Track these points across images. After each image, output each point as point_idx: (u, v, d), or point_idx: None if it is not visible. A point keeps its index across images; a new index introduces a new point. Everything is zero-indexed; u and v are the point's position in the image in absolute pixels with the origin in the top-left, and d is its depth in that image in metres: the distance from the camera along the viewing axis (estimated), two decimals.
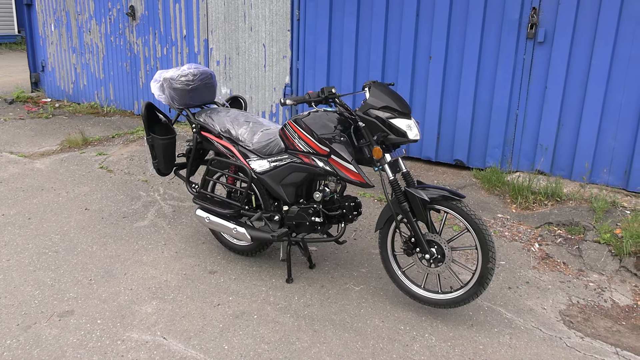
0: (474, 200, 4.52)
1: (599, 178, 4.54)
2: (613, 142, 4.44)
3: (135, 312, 3.02)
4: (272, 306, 3.12)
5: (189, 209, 4.51)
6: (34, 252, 3.69)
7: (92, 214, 4.35)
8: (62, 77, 8.63)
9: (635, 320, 3.07)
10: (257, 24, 6.08)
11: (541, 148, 4.75)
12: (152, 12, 7.01)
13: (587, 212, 4.12)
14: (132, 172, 5.36)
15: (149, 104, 3.65)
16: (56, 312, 3.00)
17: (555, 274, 3.54)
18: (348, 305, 3.15)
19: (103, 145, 6.26)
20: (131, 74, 7.53)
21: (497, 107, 4.87)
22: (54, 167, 5.46)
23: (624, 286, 3.39)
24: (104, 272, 3.45)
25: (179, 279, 3.39)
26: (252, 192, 3.50)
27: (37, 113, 7.84)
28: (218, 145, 3.48)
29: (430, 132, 5.25)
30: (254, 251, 3.63)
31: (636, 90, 4.27)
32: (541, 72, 4.64)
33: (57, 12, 8.32)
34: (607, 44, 4.30)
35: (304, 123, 3.07)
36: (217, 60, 6.54)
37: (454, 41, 4.96)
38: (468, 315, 3.07)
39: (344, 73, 5.59)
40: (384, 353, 2.72)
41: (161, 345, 2.74)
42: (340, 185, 3.20)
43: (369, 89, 2.96)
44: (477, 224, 2.76)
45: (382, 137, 2.86)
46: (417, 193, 2.84)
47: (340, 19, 5.48)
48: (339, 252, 3.80)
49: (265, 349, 2.74)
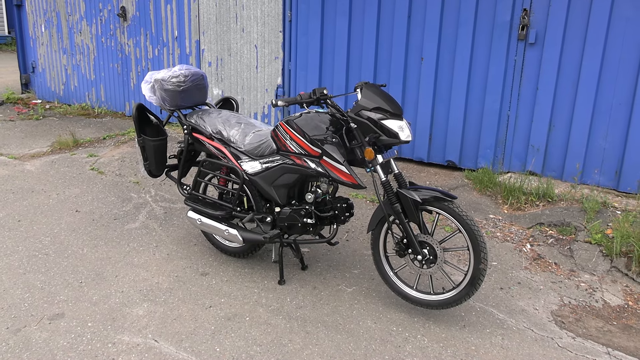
0: (466, 201, 4.53)
1: (590, 179, 4.57)
2: (604, 143, 4.46)
3: (126, 315, 3.00)
4: (264, 308, 3.11)
5: (180, 210, 4.48)
6: (23, 255, 3.65)
7: (82, 216, 4.32)
8: (53, 78, 8.58)
9: (627, 320, 3.08)
10: (249, 25, 6.07)
11: (533, 149, 4.77)
12: (144, 13, 6.98)
13: (579, 212, 4.14)
14: (124, 173, 5.33)
15: (140, 105, 3.63)
16: (46, 315, 2.98)
17: (547, 274, 3.55)
18: (340, 306, 3.14)
19: (94, 147, 6.22)
20: (122, 75, 7.49)
21: (489, 108, 4.88)
22: (44, 169, 5.42)
23: (615, 286, 3.41)
24: (94, 275, 3.43)
25: (170, 281, 3.37)
26: (243, 194, 3.49)
27: (27, 114, 7.78)
28: (209, 146, 3.47)
29: (422, 133, 5.26)
30: (246, 253, 3.62)
31: (626, 91, 4.30)
32: (532, 73, 4.66)
33: (47, 12, 8.27)
34: (598, 45, 4.33)
35: (295, 124, 3.06)
36: (208, 62, 6.52)
37: (446, 42, 4.97)
38: (460, 316, 3.07)
39: (336, 74, 5.59)
40: (377, 354, 2.72)
41: (152, 348, 2.73)
42: (332, 186, 3.19)
43: (360, 90, 2.96)
44: (469, 224, 2.77)
45: (374, 138, 2.86)
46: (409, 194, 2.84)
47: (332, 20, 5.49)
48: (331, 253, 3.79)
49: (257, 351, 2.73)
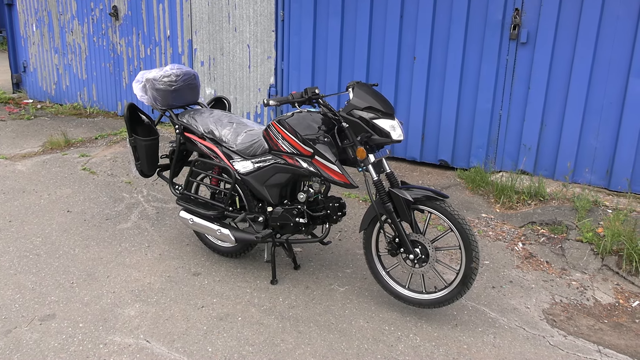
0: (458, 200, 4.54)
1: (582, 177, 4.59)
2: (595, 142, 4.48)
3: (118, 315, 2.99)
4: (257, 308, 3.10)
5: (172, 210, 4.47)
6: (14, 255, 3.63)
7: (74, 216, 4.30)
8: (44, 77, 8.53)
9: (617, 318, 3.10)
10: (242, 24, 6.06)
11: (524, 148, 4.79)
12: (135, 12, 6.95)
13: (570, 211, 4.16)
14: (115, 173, 5.31)
15: (131, 105, 3.61)
16: (37, 316, 2.96)
17: (539, 273, 3.57)
18: (333, 306, 3.14)
19: (86, 147, 6.19)
20: (114, 74, 7.46)
21: (481, 108, 4.90)
22: (35, 169, 5.39)
23: (606, 284, 3.43)
24: (86, 275, 3.41)
25: (162, 281, 3.36)
26: (236, 194, 3.48)
27: (18, 114, 7.73)
28: (201, 146, 3.46)
29: (414, 133, 5.27)
30: (238, 253, 3.62)
31: (617, 90, 4.32)
32: (524, 73, 4.67)
33: (38, 12, 8.21)
34: (589, 44, 4.35)
35: (287, 124, 3.06)
36: (201, 61, 6.50)
37: (438, 42, 4.98)
38: (452, 315, 3.08)
39: (329, 73, 5.59)
40: (369, 354, 2.72)
41: (144, 349, 2.72)
42: (324, 186, 3.19)
43: (352, 90, 2.96)
44: (461, 223, 2.77)
45: (366, 138, 2.86)
46: (401, 193, 2.84)
47: (325, 19, 5.48)
48: (324, 252, 3.79)
49: (249, 350, 2.72)
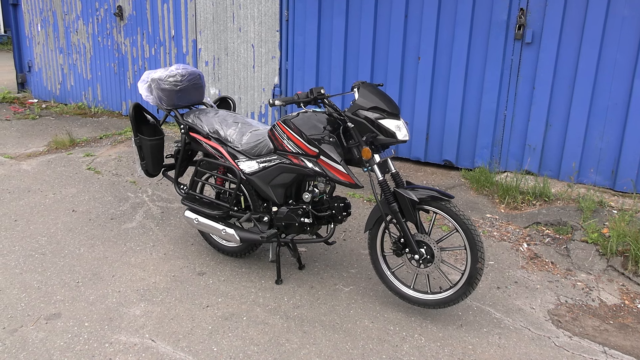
0: (462, 201, 4.54)
1: (587, 178, 4.58)
2: (600, 143, 4.47)
3: (123, 315, 3.00)
4: (262, 307, 3.10)
5: (177, 210, 4.48)
6: (20, 255, 3.64)
7: (79, 215, 4.31)
8: (49, 77, 8.56)
9: (623, 319, 3.09)
10: (246, 24, 6.07)
11: (529, 148, 4.78)
12: (140, 12, 6.96)
13: (575, 212, 4.15)
14: (120, 173, 5.32)
15: (136, 105, 3.62)
16: (43, 315, 2.97)
17: (544, 273, 3.56)
18: (338, 306, 3.14)
19: (90, 147, 6.21)
20: (119, 74, 7.48)
21: (486, 108, 4.89)
22: (40, 169, 5.40)
23: (611, 285, 3.42)
24: (91, 275, 3.42)
25: (167, 281, 3.37)
26: (241, 193, 3.48)
27: (23, 114, 7.76)
28: (206, 146, 3.47)
29: (419, 133, 5.27)
30: (243, 252, 3.62)
31: (622, 91, 4.31)
32: (529, 73, 4.66)
33: (43, 12, 8.24)
34: (594, 45, 4.34)
35: (292, 124, 3.06)
36: (205, 61, 6.51)
37: (443, 42, 4.98)
38: (457, 315, 3.07)
39: (333, 74, 5.59)
40: (374, 354, 2.72)
41: (149, 348, 2.72)
42: (329, 185, 3.19)
43: (357, 90, 2.96)
44: (466, 224, 2.77)
45: (371, 138, 2.86)
46: (406, 193, 2.84)
47: (329, 19, 5.48)
48: (329, 253, 3.79)
49: (254, 350, 2.73)
